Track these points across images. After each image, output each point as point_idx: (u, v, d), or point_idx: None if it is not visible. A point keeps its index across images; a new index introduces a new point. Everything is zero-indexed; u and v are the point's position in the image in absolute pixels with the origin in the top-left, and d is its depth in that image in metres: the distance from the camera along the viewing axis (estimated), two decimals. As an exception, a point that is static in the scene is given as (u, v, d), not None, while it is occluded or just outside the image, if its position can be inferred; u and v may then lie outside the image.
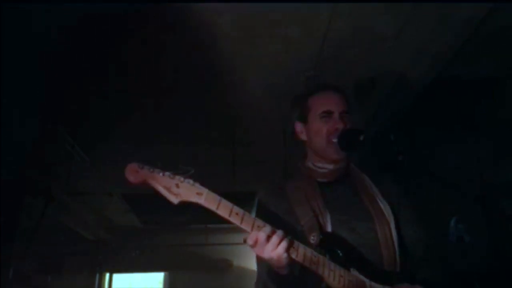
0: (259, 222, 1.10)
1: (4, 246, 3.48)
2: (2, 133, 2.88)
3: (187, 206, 1.10)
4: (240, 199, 1.17)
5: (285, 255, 1.08)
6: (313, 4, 2.18)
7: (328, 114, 1.38)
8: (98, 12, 2.18)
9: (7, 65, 2.42)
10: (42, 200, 4.06)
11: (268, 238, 1.07)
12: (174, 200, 1.09)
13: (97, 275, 6.68)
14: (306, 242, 1.17)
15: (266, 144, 3.82)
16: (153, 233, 6.71)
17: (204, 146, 3.83)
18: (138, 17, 2.25)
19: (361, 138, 1.25)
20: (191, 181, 1.11)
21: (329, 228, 1.25)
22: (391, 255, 1.26)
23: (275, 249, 1.07)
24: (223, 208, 1.09)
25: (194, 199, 1.09)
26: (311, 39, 2.47)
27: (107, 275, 6.83)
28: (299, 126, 1.48)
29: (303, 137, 1.47)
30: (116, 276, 6.88)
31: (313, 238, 1.21)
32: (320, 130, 1.38)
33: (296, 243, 1.12)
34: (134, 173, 1.10)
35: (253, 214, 1.22)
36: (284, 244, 1.07)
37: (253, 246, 1.09)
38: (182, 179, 1.11)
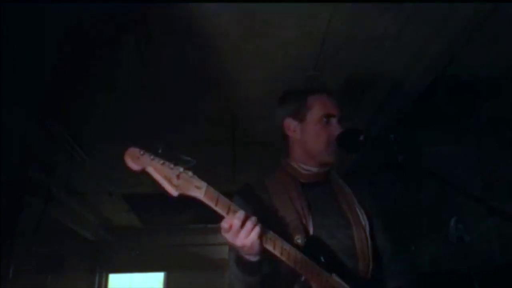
0: (234, 207, 1.06)
1: (4, 246, 3.48)
2: (2, 133, 2.88)
3: (187, 206, 1.09)
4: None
5: (258, 241, 1.05)
6: (313, 4, 2.18)
7: (330, 117, 1.36)
8: (98, 12, 2.18)
9: (7, 65, 2.42)
10: (42, 200, 4.06)
11: (242, 224, 1.04)
12: (174, 192, 1.03)
13: (97, 275, 6.68)
14: (290, 242, 1.15)
15: (266, 144, 3.81)
16: (153, 233, 6.71)
17: (204, 146, 3.83)
18: (138, 17, 2.25)
19: (361, 138, 1.24)
20: (190, 173, 1.05)
21: (311, 232, 1.24)
22: (365, 263, 1.25)
23: (249, 235, 1.04)
24: (221, 205, 1.06)
25: (193, 192, 1.04)
26: (310, 39, 2.46)
27: (107, 275, 6.83)
28: (291, 123, 1.41)
29: (294, 134, 1.41)
30: (116, 276, 6.88)
31: (299, 239, 1.19)
32: (319, 133, 1.35)
33: (279, 239, 1.10)
34: (134, 159, 1.05)
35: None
36: (257, 229, 1.04)
37: (227, 231, 1.05)
38: (181, 169, 1.05)
